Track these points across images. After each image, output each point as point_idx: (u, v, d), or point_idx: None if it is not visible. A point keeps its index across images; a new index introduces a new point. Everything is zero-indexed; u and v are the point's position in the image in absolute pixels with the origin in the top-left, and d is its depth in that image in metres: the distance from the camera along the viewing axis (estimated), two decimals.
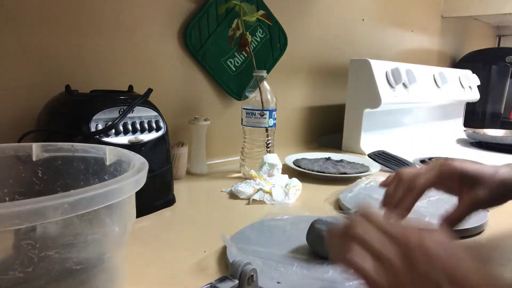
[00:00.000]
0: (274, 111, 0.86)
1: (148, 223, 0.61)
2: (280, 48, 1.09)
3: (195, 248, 0.52)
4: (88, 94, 0.65)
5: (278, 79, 1.11)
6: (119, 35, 0.79)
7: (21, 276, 0.30)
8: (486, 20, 2.16)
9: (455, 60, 2.08)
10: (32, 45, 0.68)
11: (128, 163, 0.42)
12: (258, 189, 0.72)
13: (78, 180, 0.46)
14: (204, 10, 0.90)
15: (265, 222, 0.58)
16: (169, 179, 0.69)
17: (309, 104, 1.27)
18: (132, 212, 0.39)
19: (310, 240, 0.49)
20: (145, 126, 0.64)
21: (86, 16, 0.74)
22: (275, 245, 0.50)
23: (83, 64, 0.74)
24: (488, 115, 1.87)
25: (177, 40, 0.88)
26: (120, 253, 0.39)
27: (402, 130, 1.40)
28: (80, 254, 0.33)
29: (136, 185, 0.35)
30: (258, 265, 0.44)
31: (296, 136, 1.25)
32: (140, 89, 0.69)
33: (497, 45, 2.44)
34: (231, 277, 0.37)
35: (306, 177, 0.86)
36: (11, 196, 0.45)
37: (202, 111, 0.95)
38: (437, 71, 1.48)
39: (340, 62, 1.34)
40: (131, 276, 0.44)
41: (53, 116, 0.62)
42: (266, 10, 1.00)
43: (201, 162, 0.89)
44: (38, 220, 0.27)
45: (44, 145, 0.46)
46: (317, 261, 0.46)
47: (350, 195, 0.73)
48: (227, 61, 0.97)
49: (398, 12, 1.60)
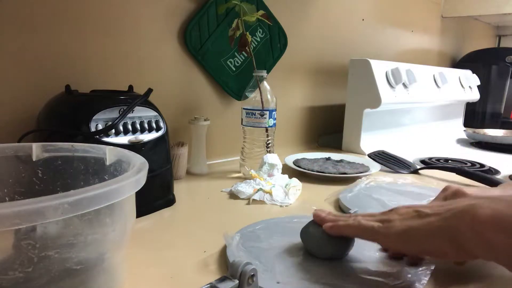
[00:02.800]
0: (274, 111, 0.86)
1: (148, 223, 0.61)
2: (280, 48, 1.09)
3: (195, 248, 0.52)
4: (88, 94, 0.65)
5: (278, 79, 1.11)
6: (119, 35, 0.79)
7: (21, 276, 0.30)
8: (486, 20, 2.16)
9: (455, 60, 2.08)
10: (32, 45, 0.68)
11: (128, 163, 0.42)
12: (258, 189, 0.72)
13: (78, 180, 0.46)
14: (204, 10, 0.90)
15: (264, 222, 0.58)
16: (169, 179, 0.69)
17: (309, 104, 1.27)
18: (132, 212, 0.39)
19: (304, 241, 0.49)
20: (145, 126, 0.64)
21: (86, 16, 0.74)
22: (274, 245, 0.50)
23: (83, 64, 0.74)
24: (488, 115, 1.87)
25: (177, 40, 0.88)
26: (120, 253, 0.39)
27: (402, 130, 1.40)
28: (80, 254, 0.33)
29: (136, 185, 0.35)
30: (258, 265, 0.44)
31: (296, 136, 1.25)
32: (140, 89, 0.69)
33: (497, 45, 2.44)
34: (231, 277, 0.37)
35: (306, 177, 0.86)
36: (11, 196, 0.45)
37: (202, 111, 0.95)
38: (437, 71, 1.48)
39: (340, 62, 1.34)
40: (131, 276, 0.44)
41: (53, 116, 0.62)
42: (266, 10, 1.00)
43: (201, 162, 0.89)
44: (38, 220, 0.27)
45: (44, 145, 0.46)
46: (315, 262, 0.46)
47: (350, 195, 0.73)
48: (227, 61, 0.97)
49: (398, 12, 1.60)
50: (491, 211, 0.35)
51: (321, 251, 0.47)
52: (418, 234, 0.38)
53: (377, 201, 0.70)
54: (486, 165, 1.01)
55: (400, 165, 1.00)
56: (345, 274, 0.44)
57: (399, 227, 0.40)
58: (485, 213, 0.35)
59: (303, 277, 0.43)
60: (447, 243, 0.36)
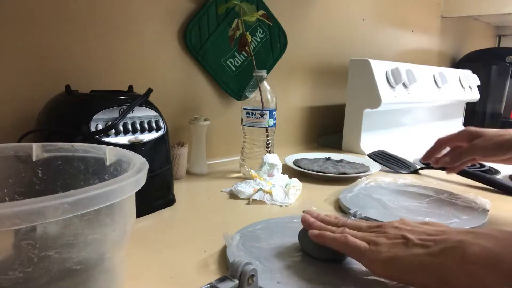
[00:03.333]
0: (274, 111, 0.86)
1: (148, 223, 0.61)
2: (280, 48, 1.09)
3: (195, 248, 0.52)
4: (88, 94, 0.65)
5: (278, 79, 1.11)
6: (119, 35, 0.79)
7: (21, 276, 0.30)
8: (486, 20, 2.16)
9: (455, 60, 2.08)
10: (32, 45, 0.68)
11: (128, 163, 0.42)
12: (258, 189, 0.72)
13: (78, 180, 0.46)
14: (204, 10, 0.90)
15: (264, 222, 0.58)
16: (169, 179, 0.69)
17: (309, 104, 1.27)
18: (132, 212, 0.39)
19: (302, 243, 0.49)
20: (145, 126, 0.64)
21: (86, 16, 0.74)
22: (274, 245, 0.50)
23: (83, 64, 0.74)
24: (488, 115, 1.87)
25: (177, 40, 0.88)
26: (120, 253, 0.39)
27: (402, 130, 1.40)
28: (80, 254, 0.33)
29: (136, 185, 0.35)
30: (258, 265, 0.44)
31: (296, 136, 1.25)
32: (140, 89, 0.69)
33: (497, 45, 2.44)
34: (231, 277, 0.37)
35: (306, 177, 0.86)
36: (11, 196, 0.45)
37: (202, 111, 0.95)
38: (437, 71, 1.48)
39: (340, 62, 1.34)
40: (131, 276, 0.44)
41: (53, 116, 0.62)
42: (266, 10, 1.00)
43: (201, 162, 0.89)
44: (38, 220, 0.27)
45: (44, 145, 0.46)
46: (315, 262, 0.46)
47: (350, 195, 0.73)
48: (227, 61, 0.97)
49: (398, 12, 1.60)
50: (480, 249, 0.34)
51: (319, 254, 0.47)
52: (403, 265, 0.38)
53: (377, 201, 0.70)
54: (486, 165, 1.01)
55: (400, 165, 1.00)
56: (345, 274, 0.44)
57: (386, 254, 0.39)
58: (474, 251, 0.35)
59: (303, 277, 0.43)
60: (433, 279, 0.36)
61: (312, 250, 0.47)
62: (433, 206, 0.69)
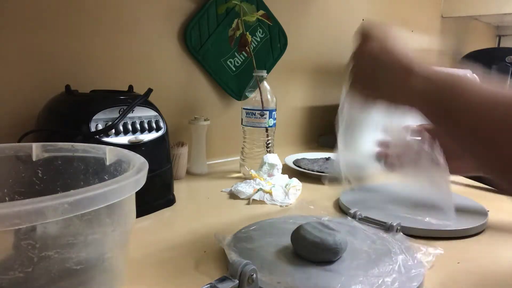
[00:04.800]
0: (274, 111, 0.86)
1: (148, 223, 0.61)
2: (280, 48, 1.09)
3: (195, 248, 0.52)
4: (88, 94, 0.65)
5: (278, 79, 1.11)
6: (119, 35, 0.79)
7: (21, 276, 0.30)
8: (486, 20, 2.15)
9: (455, 60, 2.08)
10: (32, 46, 0.68)
11: (128, 163, 0.42)
12: (258, 189, 0.72)
13: (78, 180, 0.46)
14: (204, 10, 0.90)
15: (264, 222, 0.58)
16: (169, 179, 0.69)
17: (309, 104, 1.27)
18: (132, 212, 0.39)
19: (295, 245, 0.48)
20: (145, 126, 0.64)
21: (86, 17, 0.74)
22: (273, 245, 0.50)
23: (83, 64, 0.74)
24: None
25: (177, 40, 0.88)
26: (120, 253, 0.39)
27: None
28: (80, 254, 0.33)
29: (136, 185, 0.35)
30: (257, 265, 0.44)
31: (296, 136, 1.25)
32: (140, 89, 0.69)
33: (497, 45, 2.44)
34: (231, 277, 0.37)
35: (306, 177, 0.86)
36: (11, 196, 0.45)
37: (202, 111, 0.95)
38: None
39: (340, 62, 1.33)
40: (131, 276, 0.44)
41: (53, 116, 0.62)
42: (266, 10, 1.00)
43: (201, 162, 0.89)
44: (38, 220, 0.27)
45: (44, 145, 0.46)
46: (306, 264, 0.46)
47: (350, 195, 0.72)
48: (227, 61, 0.97)
49: (398, 12, 1.60)
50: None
51: (311, 255, 0.46)
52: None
53: (377, 201, 0.70)
54: None
55: None
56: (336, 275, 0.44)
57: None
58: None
59: (302, 277, 0.43)
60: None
61: (304, 251, 0.47)
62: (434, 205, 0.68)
